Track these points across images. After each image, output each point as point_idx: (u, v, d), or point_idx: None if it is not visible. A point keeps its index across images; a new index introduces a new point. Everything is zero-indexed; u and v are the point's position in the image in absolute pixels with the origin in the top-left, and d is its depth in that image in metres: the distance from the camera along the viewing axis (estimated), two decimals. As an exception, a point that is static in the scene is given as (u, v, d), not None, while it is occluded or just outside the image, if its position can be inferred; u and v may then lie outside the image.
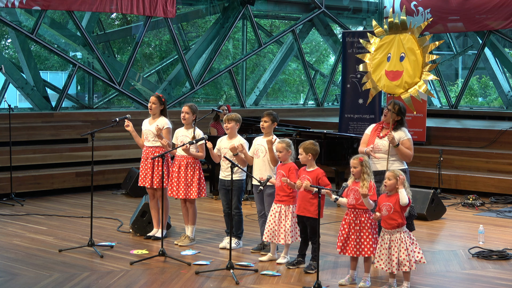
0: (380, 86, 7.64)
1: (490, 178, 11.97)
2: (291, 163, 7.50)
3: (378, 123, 7.65)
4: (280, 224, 7.44)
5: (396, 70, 7.47)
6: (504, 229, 9.59)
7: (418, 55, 7.32)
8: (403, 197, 6.47)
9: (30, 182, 11.61)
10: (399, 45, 7.46)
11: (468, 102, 22.41)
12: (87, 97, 16.27)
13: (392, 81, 7.50)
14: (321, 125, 14.85)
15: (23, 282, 6.80)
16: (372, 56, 7.72)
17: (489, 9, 16.33)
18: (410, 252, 6.51)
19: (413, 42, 7.36)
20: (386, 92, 7.68)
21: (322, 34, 19.15)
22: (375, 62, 7.68)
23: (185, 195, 8.29)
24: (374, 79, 7.69)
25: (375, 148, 7.46)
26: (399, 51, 7.46)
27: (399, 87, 7.44)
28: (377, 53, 7.67)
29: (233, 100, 18.66)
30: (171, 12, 14.62)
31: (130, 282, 6.83)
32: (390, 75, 7.52)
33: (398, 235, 6.53)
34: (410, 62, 7.36)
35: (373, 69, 7.71)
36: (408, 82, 7.37)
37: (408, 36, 7.42)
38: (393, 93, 7.53)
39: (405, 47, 7.40)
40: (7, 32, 17.15)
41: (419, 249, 6.68)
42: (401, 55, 7.45)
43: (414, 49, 7.33)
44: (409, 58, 7.36)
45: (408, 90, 7.39)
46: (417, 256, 6.61)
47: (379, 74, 7.63)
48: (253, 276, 7.07)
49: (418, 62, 7.32)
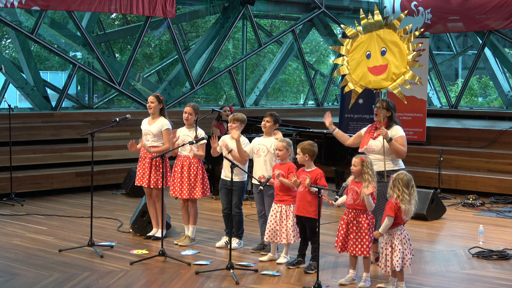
0: (364, 84, 7.65)
1: (490, 178, 11.97)
2: (289, 162, 7.50)
3: (371, 124, 7.66)
4: (282, 224, 7.44)
5: (379, 65, 7.50)
6: (504, 229, 9.59)
7: (402, 46, 7.35)
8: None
9: (30, 182, 11.61)
10: (378, 40, 7.50)
11: (468, 102, 22.42)
12: (87, 97, 16.27)
13: (377, 75, 7.52)
14: (321, 125, 14.74)
15: (23, 282, 6.80)
16: (350, 57, 7.73)
17: (489, 9, 16.32)
18: (399, 253, 6.48)
19: (393, 35, 7.41)
20: (373, 88, 7.67)
21: (322, 34, 19.15)
22: (354, 63, 7.71)
23: (189, 195, 8.29)
24: (356, 79, 7.70)
25: (368, 149, 7.47)
26: (379, 46, 7.50)
27: (386, 80, 7.47)
28: (354, 54, 7.70)
29: (233, 100, 18.66)
30: (171, 12, 14.62)
31: (130, 282, 6.84)
32: (374, 71, 7.55)
33: (396, 234, 6.52)
34: (394, 54, 7.39)
35: (352, 69, 7.72)
36: (395, 73, 7.40)
37: (387, 30, 7.46)
38: (380, 87, 7.55)
39: (386, 41, 7.44)
40: (7, 32, 17.16)
41: (411, 251, 6.65)
42: (382, 49, 7.48)
43: (396, 41, 7.38)
44: (392, 50, 7.40)
45: (396, 81, 7.41)
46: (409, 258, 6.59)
47: (361, 72, 7.65)
48: (253, 276, 7.07)
49: (403, 52, 7.36)
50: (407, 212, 6.48)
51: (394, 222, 6.50)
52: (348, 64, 7.74)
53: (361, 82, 7.66)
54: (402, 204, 6.45)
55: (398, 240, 6.51)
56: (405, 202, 6.46)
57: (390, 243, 6.54)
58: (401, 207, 6.45)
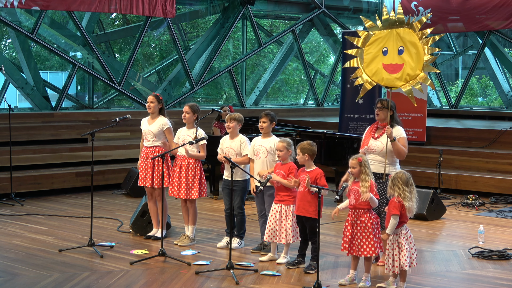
0: (377, 80, 7.63)
1: (490, 178, 11.97)
2: (290, 162, 7.50)
3: (372, 124, 7.64)
4: (281, 224, 7.44)
5: (395, 63, 7.47)
6: (504, 229, 9.59)
7: (420, 48, 7.34)
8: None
9: (30, 182, 11.61)
10: (397, 39, 7.48)
11: (468, 102, 22.41)
12: (87, 97, 16.28)
13: (391, 74, 7.50)
14: (321, 125, 14.85)
15: (23, 282, 6.80)
16: (365, 51, 7.70)
17: (489, 9, 16.32)
18: (406, 252, 6.49)
19: (413, 35, 7.39)
20: (384, 86, 7.66)
21: (322, 34, 19.16)
22: (369, 57, 7.68)
23: (186, 195, 8.29)
24: (369, 74, 7.68)
25: (369, 149, 7.45)
26: (397, 44, 7.48)
27: (399, 80, 7.46)
28: (370, 48, 7.66)
29: (233, 100, 18.66)
30: (171, 12, 14.62)
31: (130, 282, 6.83)
32: (389, 68, 7.53)
33: (402, 233, 6.52)
34: (411, 55, 7.38)
35: (366, 63, 7.70)
36: (410, 74, 7.39)
37: (407, 30, 7.44)
38: (392, 85, 7.54)
39: (405, 41, 7.42)
40: (7, 32, 17.17)
41: (415, 250, 6.65)
42: (400, 48, 7.46)
43: (416, 42, 7.36)
44: (410, 51, 7.38)
45: (409, 81, 7.40)
46: (413, 259, 6.59)
47: (375, 68, 7.62)
48: (253, 276, 7.07)
49: (420, 55, 7.34)
50: (411, 209, 6.49)
51: (399, 221, 6.50)
52: (363, 57, 7.71)
53: (373, 78, 7.64)
54: (406, 202, 6.46)
55: (404, 240, 6.51)
56: (408, 200, 6.47)
57: (397, 243, 6.52)
58: (405, 204, 6.45)
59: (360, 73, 7.75)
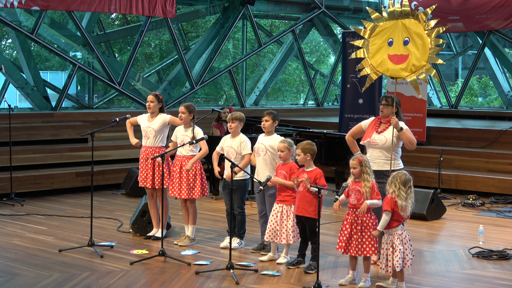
0: (382, 70, 7.62)
1: (490, 178, 11.97)
2: (292, 162, 7.50)
3: (376, 118, 7.63)
4: (282, 224, 7.44)
5: (400, 54, 7.47)
6: (504, 229, 9.59)
7: (426, 39, 7.33)
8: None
9: (30, 182, 11.61)
10: (403, 29, 7.47)
11: (468, 102, 22.41)
12: (87, 97, 16.27)
13: (397, 64, 7.50)
14: (321, 125, 14.85)
15: (23, 282, 6.80)
16: (371, 41, 7.70)
17: (490, 9, 16.32)
18: (399, 253, 6.48)
19: (418, 26, 7.38)
20: (389, 76, 7.65)
21: (322, 34, 19.15)
22: (374, 48, 7.67)
23: (187, 195, 8.29)
24: (374, 64, 7.67)
25: (371, 142, 7.44)
26: (402, 35, 7.47)
27: (404, 70, 7.46)
28: (376, 39, 7.65)
29: (233, 100, 18.66)
30: (171, 12, 14.62)
31: (130, 282, 6.83)
32: (394, 59, 7.52)
33: (397, 234, 6.52)
34: (417, 46, 7.37)
35: (371, 54, 7.69)
36: (415, 65, 7.39)
37: (413, 21, 7.43)
38: (398, 76, 7.53)
39: (410, 31, 7.41)
40: (7, 32, 17.15)
41: (411, 251, 6.65)
42: (405, 39, 7.45)
43: (421, 33, 7.35)
44: (416, 42, 7.38)
45: (414, 72, 7.41)
46: (410, 258, 6.58)
47: (380, 58, 7.62)
48: (253, 276, 7.07)
49: (426, 46, 7.34)
50: (404, 208, 6.48)
51: (394, 219, 6.49)
52: (368, 48, 7.71)
53: (378, 68, 7.63)
54: (399, 200, 6.46)
55: (398, 240, 6.51)
56: (401, 199, 6.46)
57: (391, 243, 6.54)
58: (398, 202, 6.46)
59: (366, 64, 7.75)
